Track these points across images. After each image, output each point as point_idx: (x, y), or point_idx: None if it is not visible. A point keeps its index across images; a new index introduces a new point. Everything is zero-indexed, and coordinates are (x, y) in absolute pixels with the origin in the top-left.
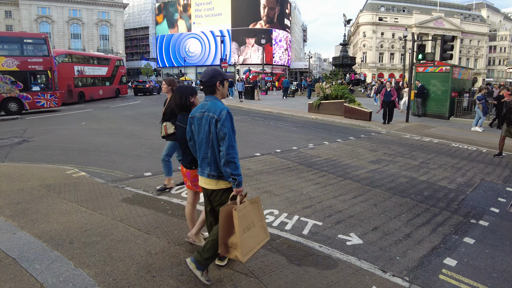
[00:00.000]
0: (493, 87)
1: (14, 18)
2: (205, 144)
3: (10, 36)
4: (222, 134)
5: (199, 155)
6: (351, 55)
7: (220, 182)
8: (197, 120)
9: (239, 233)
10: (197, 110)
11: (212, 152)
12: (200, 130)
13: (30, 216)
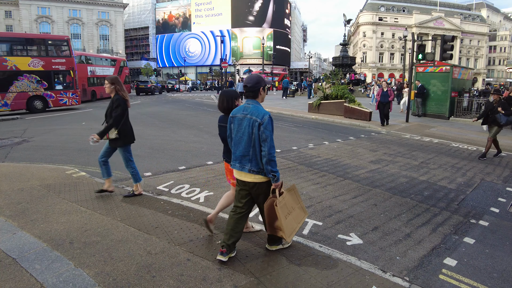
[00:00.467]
0: (493, 87)
1: (14, 18)
2: (247, 143)
3: (35, 38)
4: (265, 136)
5: (238, 152)
6: (351, 55)
7: (258, 176)
8: (238, 120)
9: (282, 221)
10: (239, 111)
11: (254, 151)
12: (240, 129)
13: (30, 216)
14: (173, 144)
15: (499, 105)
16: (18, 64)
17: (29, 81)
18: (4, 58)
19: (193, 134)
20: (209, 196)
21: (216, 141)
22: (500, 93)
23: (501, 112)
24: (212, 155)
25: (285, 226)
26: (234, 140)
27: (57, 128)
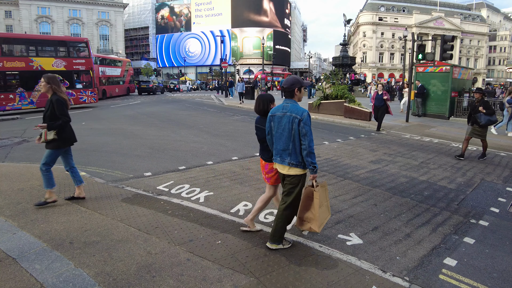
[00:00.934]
0: (493, 86)
1: (14, 18)
2: (287, 138)
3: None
4: (304, 131)
5: (279, 147)
6: (351, 55)
7: (297, 169)
8: (278, 118)
9: (317, 209)
10: (278, 110)
11: (293, 145)
12: (280, 126)
13: (30, 216)
14: (173, 144)
15: (480, 104)
16: (43, 64)
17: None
18: (31, 58)
19: (193, 134)
20: (209, 196)
21: (216, 141)
22: (483, 92)
23: (482, 111)
24: (212, 155)
25: (318, 215)
26: (275, 137)
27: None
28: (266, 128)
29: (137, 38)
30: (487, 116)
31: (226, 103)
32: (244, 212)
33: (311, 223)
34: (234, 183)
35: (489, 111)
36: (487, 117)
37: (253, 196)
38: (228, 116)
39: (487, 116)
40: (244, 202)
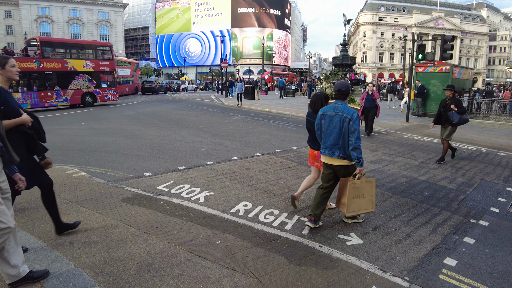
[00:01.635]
0: (493, 86)
1: (14, 18)
2: (337, 135)
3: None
4: (353, 129)
5: (329, 142)
6: (351, 55)
7: (345, 161)
8: (329, 117)
9: (348, 198)
10: (329, 110)
11: (342, 141)
12: (331, 124)
13: (30, 216)
14: (173, 144)
15: (452, 102)
16: (76, 65)
17: (83, 80)
18: (66, 60)
19: (193, 134)
20: (209, 196)
21: (216, 141)
22: (454, 89)
23: (454, 109)
24: (212, 155)
25: (348, 204)
26: (325, 133)
27: (57, 128)
28: (316, 124)
29: (137, 38)
30: (459, 114)
31: (226, 103)
32: (244, 212)
33: (343, 208)
34: (234, 183)
35: (461, 110)
36: (459, 115)
37: (253, 196)
38: (228, 116)
39: (459, 114)
40: (244, 202)
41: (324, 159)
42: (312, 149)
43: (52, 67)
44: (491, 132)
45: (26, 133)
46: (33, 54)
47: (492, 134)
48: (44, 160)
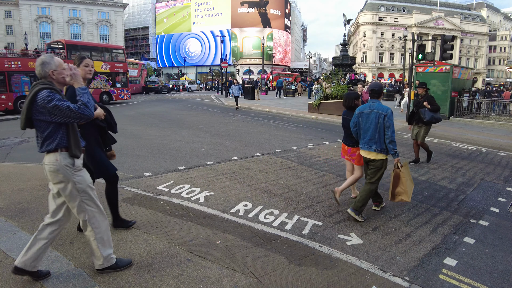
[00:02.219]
0: (493, 86)
1: (14, 18)
2: (373, 130)
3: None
4: (388, 124)
5: (367, 137)
6: (351, 55)
7: (380, 155)
8: (365, 115)
9: (407, 183)
10: (365, 108)
11: (379, 135)
12: (368, 121)
13: (30, 216)
14: (173, 144)
15: (425, 99)
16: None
17: (101, 80)
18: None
19: (193, 134)
20: (209, 196)
21: (216, 141)
22: (426, 86)
23: (427, 107)
24: (212, 155)
25: (408, 187)
26: (363, 129)
27: None
28: (352, 122)
29: (137, 38)
30: (431, 112)
31: (226, 103)
32: (244, 212)
33: (402, 196)
34: (234, 183)
35: (434, 107)
36: (431, 113)
37: (253, 196)
38: (228, 116)
39: (431, 112)
40: (244, 202)
41: (362, 153)
42: (345, 145)
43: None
44: (491, 132)
45: (99, 125)
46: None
47: (492, 134)
48: (109, 152)
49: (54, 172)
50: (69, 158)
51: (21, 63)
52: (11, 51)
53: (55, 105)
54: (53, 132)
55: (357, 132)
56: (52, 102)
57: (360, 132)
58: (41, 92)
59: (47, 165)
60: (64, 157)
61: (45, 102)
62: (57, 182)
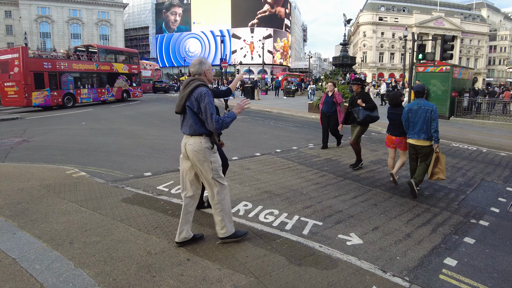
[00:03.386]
0: (494, 86)
1: (14, 18)
2: (422, 122)
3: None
4: (434, 117)
5: (416, 129)
6: (351, 55)
7: (427, 142)
8: (414, 111)
9: (444, 165)
10: (413, 106)
11: (427, 127)
12: (416, 115)
13: (30, 216)
14: (173, 144)
15: (359, 96)
16: (118, 68)
17: (122, 80)
18: (112, 63)
19: None
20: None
21: None
22: (363, 83)
23: (361, 105)
24: None
25: (443, 168)
26: (412, 122)
27: (56, 128)
28: (403, 117)
29: (137, 38)
30: (367, 111)
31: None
32: (244, 212)
33: (439, 174)
34: (234, 183)
35: (369, 105)
36: (366, 112)
37: (253, 196)
38: None
39: (367, 111)
40: (244, 202)
41: (411, 141)
42: (391, 135)
43: (104, 69)
44: (491, 132)
45: None
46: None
47: (493, 134)
48: (220, 141)
49: (197, 151)
50: (210, 143)
51: (68, 64)
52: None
53: (205, 106)
54: (199, 120)
55: (407, 125)
56: (204, 101)
57: (409, 124)
58: (199, 88)
59: (191, 145)
60: (206, 141)
61: (199, 98)
62: (197, 160)
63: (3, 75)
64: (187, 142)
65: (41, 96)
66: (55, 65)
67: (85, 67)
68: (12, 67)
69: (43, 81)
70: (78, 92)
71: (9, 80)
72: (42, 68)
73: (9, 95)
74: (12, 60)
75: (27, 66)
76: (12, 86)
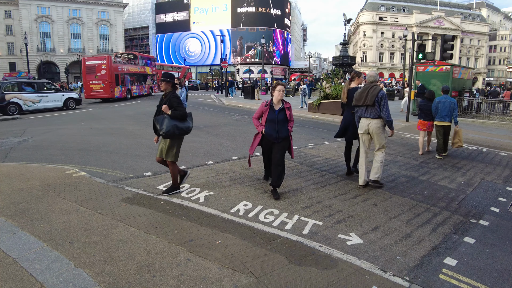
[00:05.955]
0: (495, 86)
1: (14, 18)
2: (447, 110)
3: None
4: (455, 107)
5: (443, 114)
6: (351, 54)
7: (449, 123)
8: (442, 103)
9: (462, 136)
10: (441, 99)
11: (450, 113)
12: (444, 106)
13: (30, 216)
14: None
15: (166, 100)
16: (147, 70)
17: (149, 79)
18: (144, 67)
19: (193, 133)
20: (209, 196)
21: (216, 141)
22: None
23: (167, 112)
24: (212, 154)
25: (461, 138)
26: (440, 110)
27: (56, 128)
28: (433, 106)
29: (137, 38)
30: (173, 120)
31: (226, 103)
32: (244, 212)
33: (458, 143)
34: (234, 183)
35: (176, 113)
36: (173, 121)
37: (253, 196)
38: (228, 115)
39: (173, 120)
40: (244, 202)
41: (438, 123)
42: (423, 121)
43: (142, 71)
44: (491, 131)
45: None
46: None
47: (493, 133)
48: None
49: (379, 128)
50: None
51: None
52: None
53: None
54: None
55: (436, 112)
56: (384, 98)
57: (437, 112)
58: (381, 90)
59: (375, 124)
60: (382, 123)
61: (381, 96)
62: (378, 132)
63: (89, 76)
64: (372, 122)
65: (118, 90)
66: (123, 68)
67: (134, 70)
68: (99, 70)
69: (118, 80)
70: (132, 88)
71: (95, 79)
72: (117, 71)
73: (94, 90)
74: (99, 65)
75: (112, 69)
76: (98, 83)
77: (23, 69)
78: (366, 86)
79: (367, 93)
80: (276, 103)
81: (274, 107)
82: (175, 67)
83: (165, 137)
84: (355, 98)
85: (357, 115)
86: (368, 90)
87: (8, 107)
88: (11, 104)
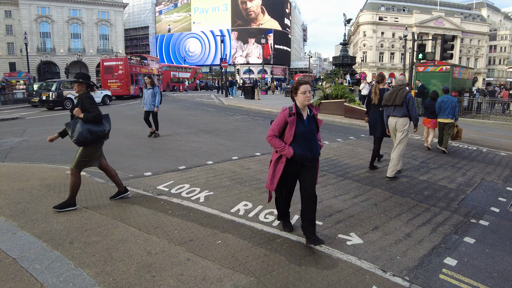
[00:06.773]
0: (494, 86)
1: (14, 18)
2: (450, 108)
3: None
4: (456, 106)
5: (446, 112)
6: (351, 54)
7: (451, 120)
8: (444, 102)
9: (461, 132)
10: (444, 98)
11: (452, 111)
12: (446, 104)
13: (30, 216)
14: (173, 143)
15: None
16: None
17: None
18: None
19: (193, 133)
20: (209, 196)
21: (216, 141)
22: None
23: (79, 116)
24: (212, 154)
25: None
26: (443, 108)
27: (56, 128)
28: (437, 105)
29: (137, 37)
30: (87, 124)
31: (226, 103)
32: (244, 212)
33: (459, 138)
34: (234, 182)
35: (89, 116)
36: (86, 126)
37: (253, 196)
38: (228, 115)
39: (87, 124)
40: (244, 202)
41: (441, 120)
42: (428, 118)
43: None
44: (491, 131)
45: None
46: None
47: (493, 133)
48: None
49: (404, 125)
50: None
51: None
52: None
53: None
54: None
55: (439, 110)
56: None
57: (440, 110)
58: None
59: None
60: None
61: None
62: (402, 130)
63: (107, 75)
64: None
65: (133, 89)
66: (136, 69)
67: (144, 70)
68: (117, 70)
69: (133, 79)
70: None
71: (113, 78)
72: (132, 71)
73: (111, 88)
74: (117, 66)
75: (128, 69)
76: (116, 82)
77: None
78: (395, 89)
79: (396, 94)
80: (303, 109)
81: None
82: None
83: (77, 144)
84: (385, 99)
85: (386, 114)
86: (397, 92)
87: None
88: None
